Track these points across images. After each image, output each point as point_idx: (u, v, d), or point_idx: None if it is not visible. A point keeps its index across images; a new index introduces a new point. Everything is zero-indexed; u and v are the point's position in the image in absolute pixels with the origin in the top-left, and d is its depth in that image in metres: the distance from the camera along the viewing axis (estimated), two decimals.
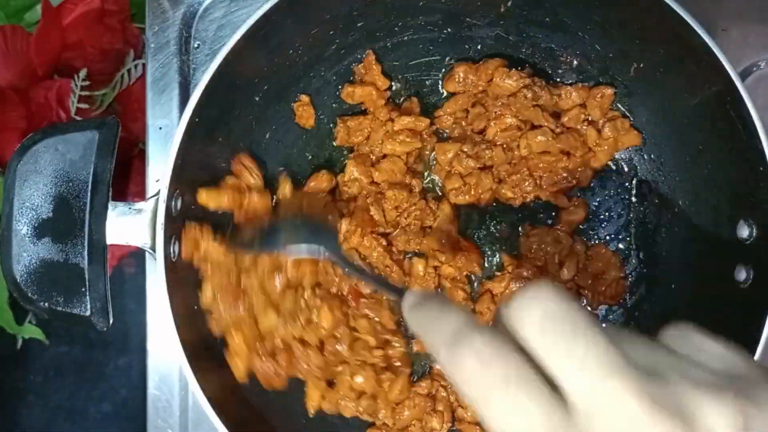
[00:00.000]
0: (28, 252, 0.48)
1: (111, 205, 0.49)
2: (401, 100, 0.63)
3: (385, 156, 0.61)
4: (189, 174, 0.52)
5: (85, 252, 0.48)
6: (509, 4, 0.58)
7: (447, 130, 0.62)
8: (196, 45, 0.65)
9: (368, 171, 0.60)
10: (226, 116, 0.56)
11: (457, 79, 0.61)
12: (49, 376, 0.83)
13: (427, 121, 0.60)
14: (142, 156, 0.64)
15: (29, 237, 0.48)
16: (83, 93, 0.76)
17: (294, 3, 0.52)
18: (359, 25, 0.59)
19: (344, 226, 0.58)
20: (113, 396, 0.82)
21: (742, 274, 0.52)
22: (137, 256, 0.79)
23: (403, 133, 0.60)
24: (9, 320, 0.77)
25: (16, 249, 0.48)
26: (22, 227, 0.48)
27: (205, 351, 0.53)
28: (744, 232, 0.52)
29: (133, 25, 0.79)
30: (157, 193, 0.49)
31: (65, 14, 0.76)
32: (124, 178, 0.70)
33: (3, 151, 0.76)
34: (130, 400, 0.82)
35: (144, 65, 0.69)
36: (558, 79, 0.62)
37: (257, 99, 0.58)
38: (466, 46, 0.62)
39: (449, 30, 0.61)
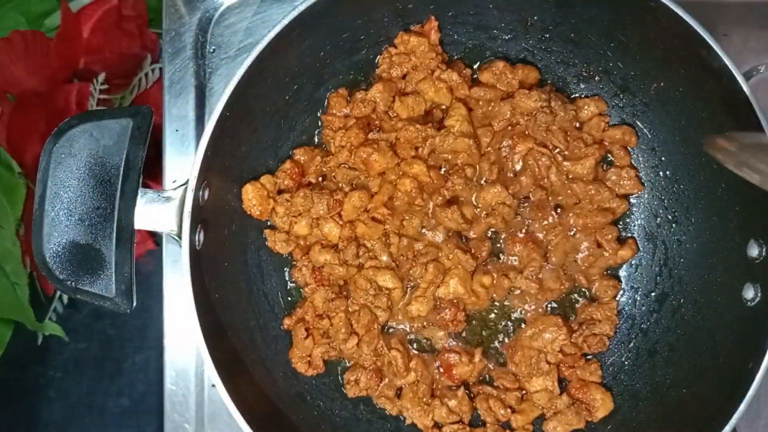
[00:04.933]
0: (58, 232, 0.49)
1: (141, 191, 0.50)
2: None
3: (411, 93, 0.62)
4: (217, 165, 0.53)
5: (114, 235, 0.49)
6: (535, 18, 0.60)
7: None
8: (211, 50, 0.66)
9: (390, 99, 0.61)
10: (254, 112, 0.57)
11: (494, 71, 0.62)
12: (69, 372, 0.84)
13: (467, 87, 0.61)
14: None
15: (60, 218, 0.49)
16: (102, 96, 0.78)
17: None
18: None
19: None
20: (131, 391, 0.83)
21: (749, 293, 0.54)
22: (154, 255, 0.80)
23: (443, 85, 0.61)
24: (30, 317, 0.79)
25: (47, 229, 0.49)
26: (54, 208, 0.49)
27: (222, 339, 0.55)
28: (754, 251, 0.54)
29: (151, 30, 0.81)
30: (186, 183, 0.50)
31: (84, 20, 0.78)
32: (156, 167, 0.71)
33: (24, 153, 0.78)
34: (148, 395, 0.83)
35: (161, 69, 0.71)
36: (578, 94, 0.64)
37: (287, 97, 0.60)
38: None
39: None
